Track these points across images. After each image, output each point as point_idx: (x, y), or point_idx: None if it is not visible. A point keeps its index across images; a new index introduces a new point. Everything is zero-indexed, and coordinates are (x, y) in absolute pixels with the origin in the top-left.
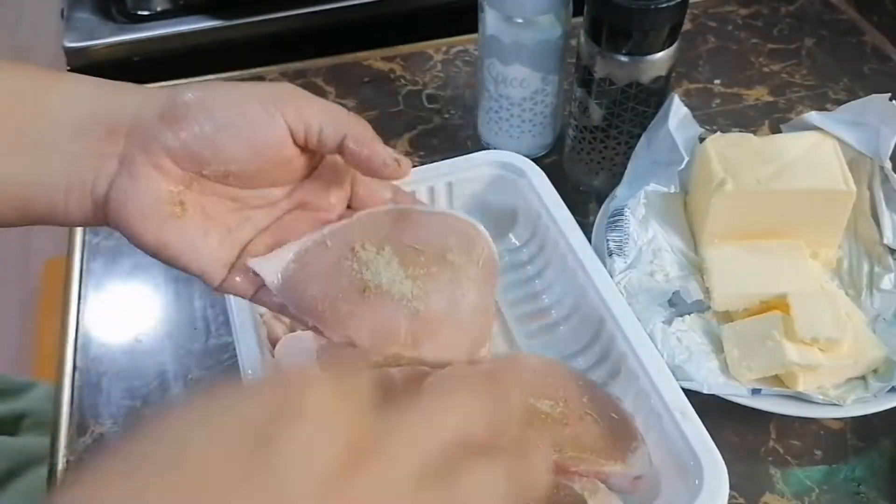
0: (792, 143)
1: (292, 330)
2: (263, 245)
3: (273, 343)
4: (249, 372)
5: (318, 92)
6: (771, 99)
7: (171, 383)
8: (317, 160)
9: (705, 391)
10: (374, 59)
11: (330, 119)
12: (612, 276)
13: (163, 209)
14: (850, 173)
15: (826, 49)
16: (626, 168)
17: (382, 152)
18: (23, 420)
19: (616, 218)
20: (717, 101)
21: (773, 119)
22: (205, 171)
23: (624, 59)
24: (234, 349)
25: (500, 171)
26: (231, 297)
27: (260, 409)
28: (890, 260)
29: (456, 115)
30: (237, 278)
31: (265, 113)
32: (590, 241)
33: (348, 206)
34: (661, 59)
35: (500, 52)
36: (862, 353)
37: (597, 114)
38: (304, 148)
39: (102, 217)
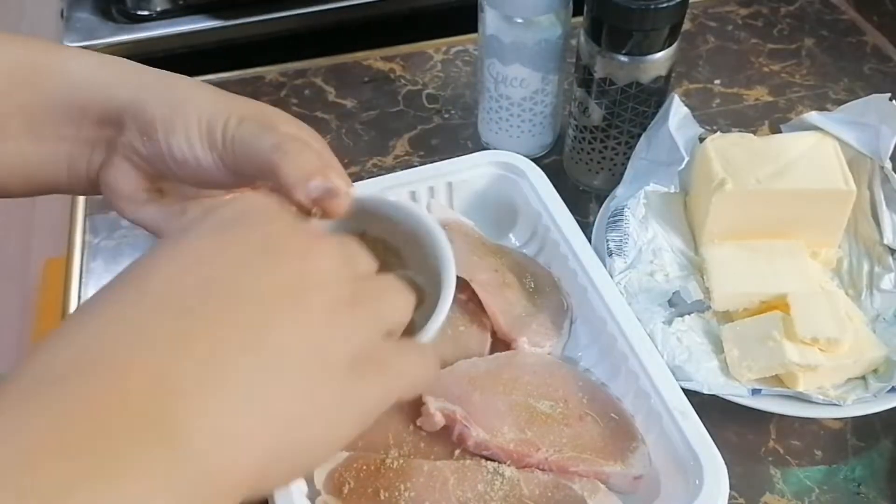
0: (792, 143)
1: None
2: None
3: None
4: None
5: (318, 92)
6: (771, 99)
7: None
8: None
9: (705, 391)
10: (374, 59)
11: None
12: (612, 276)
13: (141, 195)
14: (850, 173)
15: (826, 49)
16: (626, 168)
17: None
18: None
19: (616, 218)
20: (717, 101)
21: (773, 119)
22: (170, 178)
23: (624, 59)
24: None
25: (500, 171)
26: None
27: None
28: (890, 260)
29: (456, 115)
30: None
31: None
32: (590, 241)
33: None
34: (661, 59)
35: (500, 52)
36: (862, 353)
37: (597, 114)
38: None
39: (99, 191)
